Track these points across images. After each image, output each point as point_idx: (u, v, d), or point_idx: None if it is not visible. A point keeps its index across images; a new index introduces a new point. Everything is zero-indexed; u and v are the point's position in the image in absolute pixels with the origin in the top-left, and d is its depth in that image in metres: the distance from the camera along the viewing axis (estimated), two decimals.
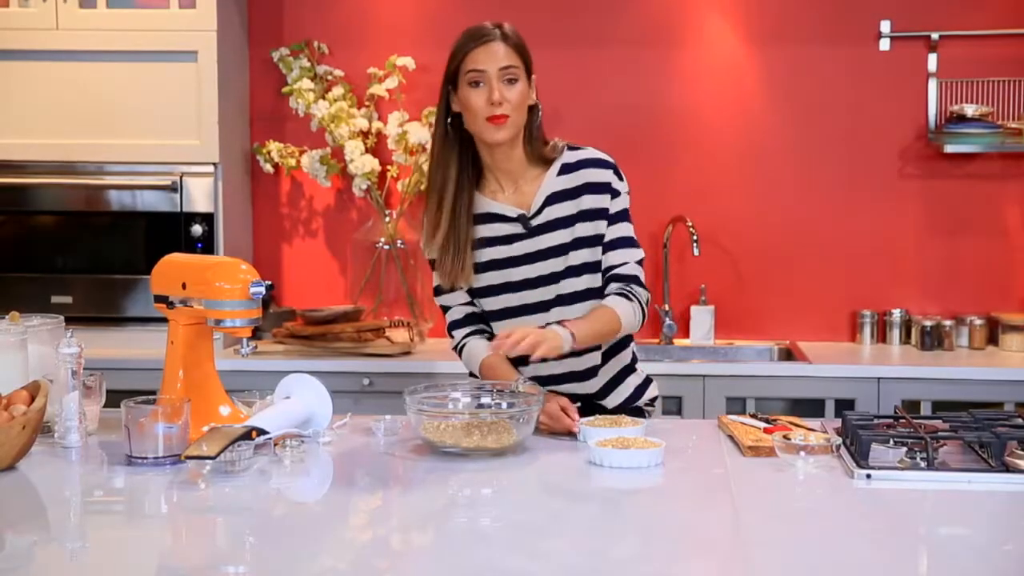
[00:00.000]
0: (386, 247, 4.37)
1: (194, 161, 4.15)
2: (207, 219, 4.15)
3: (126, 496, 2.20)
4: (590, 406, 2.73)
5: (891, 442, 2.28)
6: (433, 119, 4.21)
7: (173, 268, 2.51)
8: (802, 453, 2.29)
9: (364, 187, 4.35)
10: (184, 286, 2.44)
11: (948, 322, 4.20)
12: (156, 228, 4.17)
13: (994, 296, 4.34)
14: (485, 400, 2.55)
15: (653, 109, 4.41)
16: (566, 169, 2.71)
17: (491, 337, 2.75)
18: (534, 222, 2.69)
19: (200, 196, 4.15)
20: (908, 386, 3.84)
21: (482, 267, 2.70)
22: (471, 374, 2.81)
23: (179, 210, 4.16)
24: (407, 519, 2.03)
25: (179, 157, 4.14)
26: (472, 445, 2.34)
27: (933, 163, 4.34)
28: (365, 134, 4.36)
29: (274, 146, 4.38)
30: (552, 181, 2.70)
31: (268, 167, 4.40)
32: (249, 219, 4.53)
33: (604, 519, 2.03)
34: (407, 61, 4.35)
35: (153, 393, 2.44)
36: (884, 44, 4.33)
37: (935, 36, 4.27)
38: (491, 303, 2.73)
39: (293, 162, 4.39)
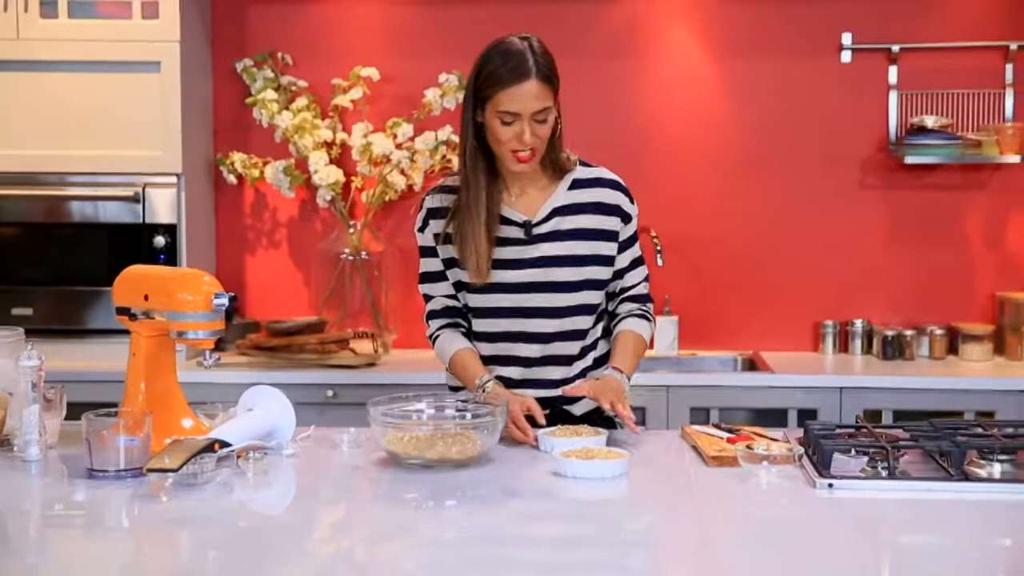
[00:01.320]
0: (350, 258, 4.36)
1: (157, 172, 4.12)
2: (170, 230, 4.13)
3: (87, 509, 2.18)
4: (558, 412, 2.74)
5: (853, 451, 2.30)
6: (397, 130, 4.26)
7: (135, 280, 2.50)
8: (765, 463, 2.30)
9: (328, 198, 4.34)
10: (146, 298, 2.43)
11: (909, 332, 4.24)
12: (118, 239, 4.15)
13: (954, 306, 4.38)
14: (449, 411, 2.55)
15: (618, 122, 4.43)
16: (577, 184, 2.74)
17: (467, 332, 2.78)
18: (536, 231, 2.70)
19: (163, 207, 4.13)
20: (870, 396, 3.87)
21: None
22: (447, 368, 2.83)
23: (142, 221, 4.13)
24: (371, 531, 2.03)
25: (142, 168, 4.12)
26: (436, 456, 2.34)
27: (894, 174, 4.38)
28: (329, 145, 4.35)
29: (237, 157, 4.37)
30: (562, 194, 2.73)
31: (231, 178, 4.38)
32: (212, 230, 4.51)
33: (569, 529, 2.03)
34: (371, 72, 4.35)
35: (115, 406, 2.42)
36: (846, 56, 4.37)
37: (896, 48, 4.31)
38: (480, 300, 2.74)
39: (257, 173, 4.37)
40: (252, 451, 2.38)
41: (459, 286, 2.77)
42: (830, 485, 2.19)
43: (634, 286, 2.82)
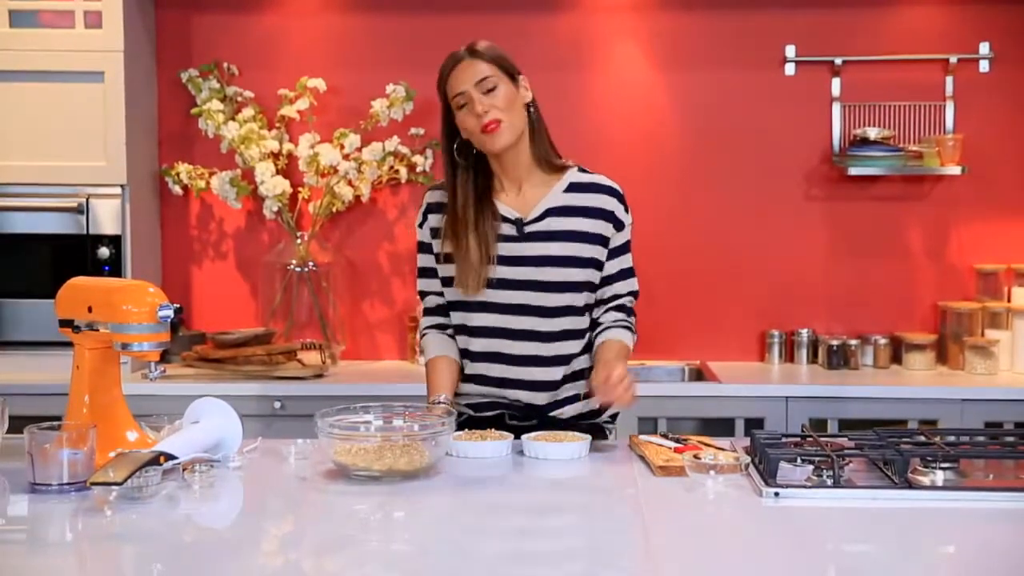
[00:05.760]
0: (297, 269, 4.34)
1: (101, 183, 4.09)
2: (114, 241, 4.10)
3: (29, 524, 2.14)
4: (545, 420, 2.77)
5: (798, 460, 2.32)
6: (344, 141, 4.25)
7: (79, 291, 2.47)
8: (712, 472, 2.31)
9: (275, 209, 4.32)
10: (90, 310, 2.41)
11: (853, 341, 4.28)
12: (62, 251, 4.11)
13: (897, 316, 4.44)
14: (397, 422, 2.54)
15: (562, 133, 4.38)
16: (574, 188, 2.79)
17: (451, 333, 2.82)
18: (529, 229, 2.74)
19: (107, 218, 4.09)
20: (815, 405, 3.90)
21: None
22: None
23: (85, 232, 4.09)
24: (318, 544, 2.02)
25: (85, 179, 4.09)
26: (384, 468, 2.33)
27: (838, 185, 4.43)
28: (276, 156, 4.33)
29: (183, 168, 4.34)
30: (557, 195, 2.77)
31: (177, 189, 4.35)
32: (157, 241, 4.47)
33: (515, 541, 2.03)
34: (318, 83, 4.34)
35: (58, 419, 2.39)
36: (789, 69, 4.41)
37: (839, 61, 4.36)
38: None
39: (203, 184, 4.34)
40: (198, 464, 2.36)
41: (448, 281, 2.78)
42: (776, 494, 2.21)
43: (620, 296, 2.81)
